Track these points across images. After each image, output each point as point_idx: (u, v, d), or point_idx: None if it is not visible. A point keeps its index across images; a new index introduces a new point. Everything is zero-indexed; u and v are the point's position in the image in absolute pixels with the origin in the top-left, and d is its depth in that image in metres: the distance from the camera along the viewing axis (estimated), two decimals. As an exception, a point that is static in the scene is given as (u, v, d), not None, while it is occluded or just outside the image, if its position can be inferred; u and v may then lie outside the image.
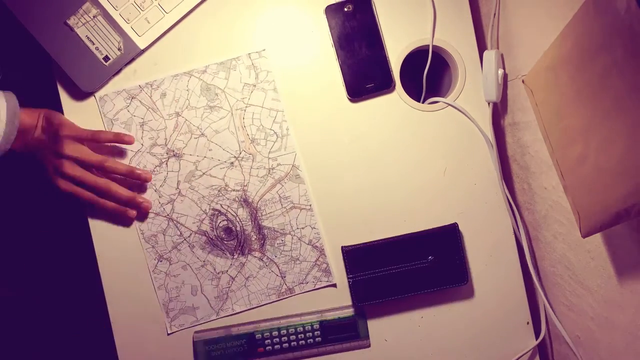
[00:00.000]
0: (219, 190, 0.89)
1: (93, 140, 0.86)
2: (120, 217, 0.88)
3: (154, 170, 0.89)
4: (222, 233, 0.90)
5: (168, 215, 0.89)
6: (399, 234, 0.89)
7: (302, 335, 0.90)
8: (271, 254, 0.90)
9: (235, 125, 0.89)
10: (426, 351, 0.92)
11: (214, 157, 0.89)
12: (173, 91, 0.89)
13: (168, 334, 0.90)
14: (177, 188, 0.89)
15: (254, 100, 0.89)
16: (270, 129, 0.89)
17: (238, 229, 0.90)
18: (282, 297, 0.91)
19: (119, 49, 0.86)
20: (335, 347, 0.91)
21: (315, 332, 0.90)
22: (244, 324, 0.90)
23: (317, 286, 0.91)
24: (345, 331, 0.91)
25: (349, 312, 0.91)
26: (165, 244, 0.90)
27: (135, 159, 0.89)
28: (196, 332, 0.90)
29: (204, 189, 0.89)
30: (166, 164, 0.89)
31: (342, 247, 0.89)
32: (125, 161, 0.89)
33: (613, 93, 0.55)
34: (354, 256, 0.88)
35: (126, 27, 0.86)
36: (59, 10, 0.85)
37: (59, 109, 0.87)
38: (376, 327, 0.92)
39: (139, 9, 0.86)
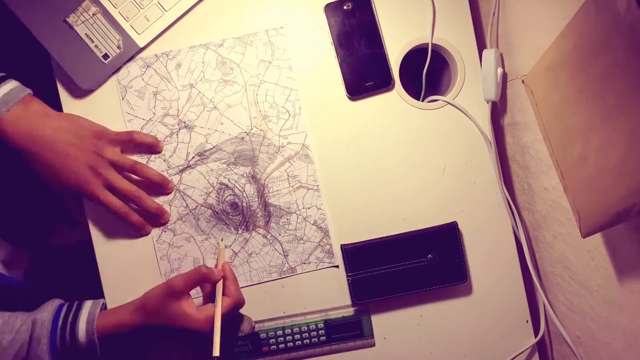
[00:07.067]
0: (227, 165, 0.89)
1: (130, 141, 0.86)
2: (138, 231, 0.88)
3: (164, 140, 0.89)
4: (228, 207, 0.90)
5: (175, 186, 0.89)
6: (398, 233, 0.89)
7: (307, 335, 0.90)
8: (275, 232, 0.90)
9: (248, 101, 0.89)
10: (425, 349, 0.92)
11: (224, 131, 0.89)
12: (188, 62, 0.88)
13: None
14: (187, 159, 0.89)
15: (268, 77, 0.89)
16: (283, 107, 0.89)
17: (244, 204, 0.90)
18: (283, 276, 0.90)
19: (118, 47, 0.86)
20: (340, 346, 0.91)
21: (320, 332, 0.90)
22: (245, 323, 0.90)
23: (319, 267, 0.90)
24: (350, 330, 0.91)
25: (354, 310, 0.91)
26: (170, 215, 0.90)
27: (147, 127, 0.89)
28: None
29: (213, 163, 0.89)
30: (177, 134, 0.89)
31: (341, 245, 0.89)
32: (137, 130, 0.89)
33: (614, 93, 0.54)
34: (354, 254, 0.88)
35: (125, 25, 0.86)
36: (59, 8, 0.85)
37: (59, 107, 0.87)
38: (376, 325, 0.92)
39: (138, 7, 0.86)
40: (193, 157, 0.89)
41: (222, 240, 0.89)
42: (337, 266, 0.91)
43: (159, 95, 0.89)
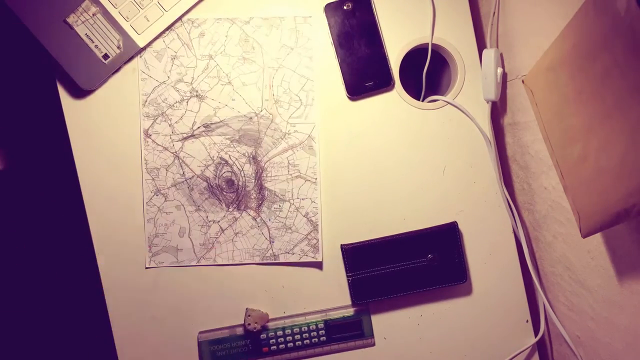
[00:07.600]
0: (231, 141, 0.89)
1: None
2: None
3: (173, 105, 0.89)
4: (223, 183, 0.90)
5: (176, 152, 0.89)
6: (399, 233, 0.89)
7: (307, 335, 0.90)
8: (266, 216, 0.90)
9: (264, 83, 0.89)
10: (426, 349, 0.92)
11: (235, 107, 0.89)
12: (212, 34, 0.88)
13: (146, 268, 0.90)
14: (192, 128, 0.89)
15: (288, 62, 0.89)
16: (297, 95, 0.89)
17: (240, 183, 0.90)
18: (265, 262, 0.90)
19: (118, 47, 0.86)
20: (340, 346, 0.91)
21: (320, 332, 0.90)
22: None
23: (301, 259, 0.90)
24: (350, 330, 0.91)
25: (354, 310, 0.91)
26: (165, 180, 0.89)
27: (158, 89, 0.89)
28: (201, 332, 0.90)
29: (217, 136, 0.89)
30: (187, 102, 0.89)
31: (341, 245, 0.89)
32: (147, 90, 0.88)
33: (614, 93, 0.54)
34: (354, 254, 0.88)
35: (125, 25, 0.86)
36: (59, 9, 0.85)
37: (59, 107, 0.87)
38: (376, 325, 0.92)
39: (138, 7, 0.86)
40: (198, 127, 0.89)
41: None
42: (320, 263, 0.90)
43: (177, 60, 0.89)
